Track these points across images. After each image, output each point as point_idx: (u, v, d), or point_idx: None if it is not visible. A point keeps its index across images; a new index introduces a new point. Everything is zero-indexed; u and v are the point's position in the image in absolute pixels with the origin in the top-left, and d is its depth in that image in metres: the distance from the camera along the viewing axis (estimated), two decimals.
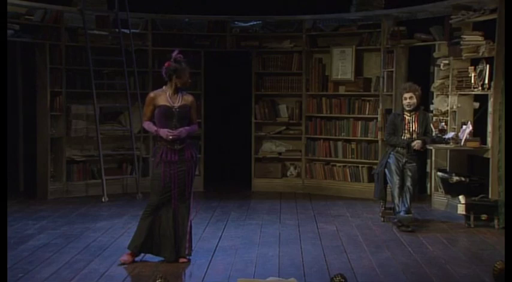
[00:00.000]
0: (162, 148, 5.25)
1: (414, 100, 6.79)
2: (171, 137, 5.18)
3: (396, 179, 6.65)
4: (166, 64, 5.32)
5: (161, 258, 5.31)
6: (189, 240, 5.33)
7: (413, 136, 6.79)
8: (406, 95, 6.81)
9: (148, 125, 5.32)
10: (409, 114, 6.84)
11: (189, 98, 5.33)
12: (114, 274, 4.92)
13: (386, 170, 6.76)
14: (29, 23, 8.00)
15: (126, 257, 5.25)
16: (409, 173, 6.67)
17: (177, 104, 5.25)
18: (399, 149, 6.79)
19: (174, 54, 5.36)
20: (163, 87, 5.34)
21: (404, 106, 6.84)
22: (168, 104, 5.23)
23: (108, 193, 8.13)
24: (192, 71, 8.86)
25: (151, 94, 5.33)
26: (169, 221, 5.26)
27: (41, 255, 5.40)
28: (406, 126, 6.83)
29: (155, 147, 5.40)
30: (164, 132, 5.19)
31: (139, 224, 5.33)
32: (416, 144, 6.73)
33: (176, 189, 5.24)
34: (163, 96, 5.26)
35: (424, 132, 6.85)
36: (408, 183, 6.63)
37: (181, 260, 5.27)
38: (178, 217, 5.28)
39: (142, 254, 5.36)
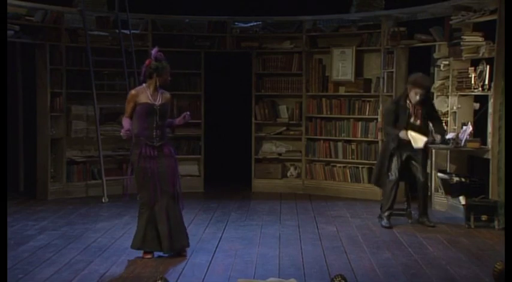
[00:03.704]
0: (141, 144, 5.34)
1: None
2: (122, 134, 5.35)
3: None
4: (146, 62, 5.42)
5: (161, 259, 5.33)
6: (185, 232, 5.50)
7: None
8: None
9: (126, 122, 5.38)
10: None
11: (167, 96, 5.49)
12: (114, 275, 4.92)
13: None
14: (29, 23, 8.00)
15: (144, 255, 5.38)
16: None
17: (158, 102, 5.36)
18: None
19: (154, 52, 5.42)
20: (143, 84, 5.43)
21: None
22: (149, 102, 5.34)
23: (108, 194, 8.13)
24: (192, 71, 9.01)
25: (133, 91, 5.43)
26: (163, 215, 5.34)
27: (41, 256, 5.40)
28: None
29: (133, 143, 5.43)
30: (122, 131, 5.33)
31: (138, 222, 5.43)
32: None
33: (159, 183, 5.32)
34: (144, 94, 5.37)
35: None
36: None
37: (183, 252, 5.43)
38: (169, 211, 5.36)
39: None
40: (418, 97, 6.53)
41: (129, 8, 8.45)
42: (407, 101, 6.62)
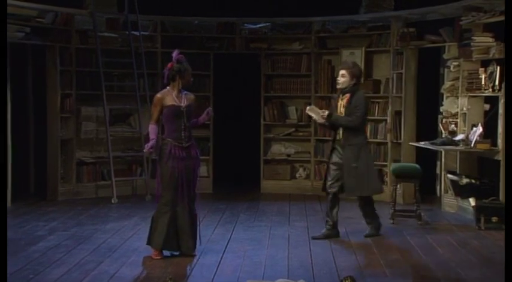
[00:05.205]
0: (169, 145, 5.37)
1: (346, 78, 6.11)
2: (145, 151, 5.46)
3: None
4: (169, 65, 5.48)
5: (170, 260, 5.35)
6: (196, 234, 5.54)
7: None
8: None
9: (152, 130, 5.44)
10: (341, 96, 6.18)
11: (191, 97, 5.55)
12: (124, 275, 4.94)
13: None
14: (40, 25, 8.04)
15: (154, 255, 5.39)
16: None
17: (183, 104, 5.42)
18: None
19: (175, 55, 5.48)
20: (168, 88, 5.49)
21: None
22: (175, 104, 5.40)
23: (117, 194, 8.15)
24: (201, 72, 9.02)
25: (159, 95, 5.47)
26: (186, 215, 5.41)
27: (51, 257, 5.43)
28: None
29: (162, 143, 5.49)
30: (146, 147, 5.38)
31: (158, 222, 5.42)
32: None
33: (185, 184, 5.40)
34: (170, 97, 5.43)
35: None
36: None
37: (193, 253, 5.47)
38: (192, 211, 5.46)
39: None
40: (338, 81, 6.18)
41: (138, 10, 8.48)
42: (340, 95, 6.23)
